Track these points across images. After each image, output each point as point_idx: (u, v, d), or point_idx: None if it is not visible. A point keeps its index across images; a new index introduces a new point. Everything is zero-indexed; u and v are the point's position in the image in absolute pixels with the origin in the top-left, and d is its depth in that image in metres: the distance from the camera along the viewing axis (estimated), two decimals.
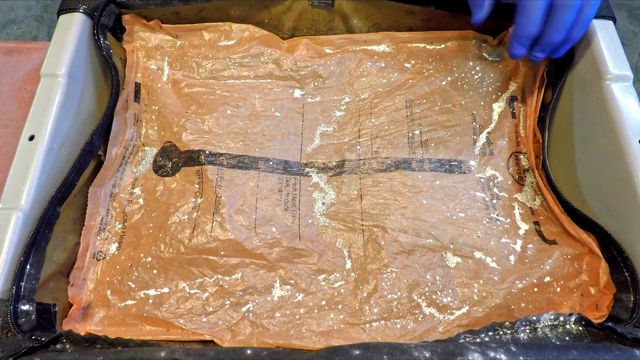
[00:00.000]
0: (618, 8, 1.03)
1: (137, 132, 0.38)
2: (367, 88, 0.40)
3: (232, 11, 0.40)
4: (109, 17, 0.37)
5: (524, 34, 0.32)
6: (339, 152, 0.37)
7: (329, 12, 0.40)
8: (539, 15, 0.31)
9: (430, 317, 0.31)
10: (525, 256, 0.33)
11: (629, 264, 0.29)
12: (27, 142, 0.31)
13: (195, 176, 0.35)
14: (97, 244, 0.33)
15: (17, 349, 0.23)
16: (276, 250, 0.33)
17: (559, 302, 0.31)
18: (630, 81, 0.33)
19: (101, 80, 0.38)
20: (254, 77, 0.40)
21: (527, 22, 0.32)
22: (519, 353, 0.22)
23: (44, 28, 1.01)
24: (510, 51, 0.34)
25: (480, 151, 0.37)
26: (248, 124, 0.38)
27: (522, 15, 0.32)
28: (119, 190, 0.35)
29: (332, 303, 0.32)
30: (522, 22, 0.32)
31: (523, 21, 0.32)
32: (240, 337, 0.31)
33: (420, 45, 0.41)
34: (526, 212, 0.35)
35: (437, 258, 0.33)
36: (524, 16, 0.32)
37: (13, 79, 0.43)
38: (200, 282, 0.32)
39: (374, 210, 0.35)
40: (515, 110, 0.39)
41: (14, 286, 0.27)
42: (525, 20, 0.32)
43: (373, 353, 0.21)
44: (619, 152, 0.31)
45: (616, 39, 0.35)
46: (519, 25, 0.32)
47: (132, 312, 0.31)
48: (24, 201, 0.29)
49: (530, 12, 0.31)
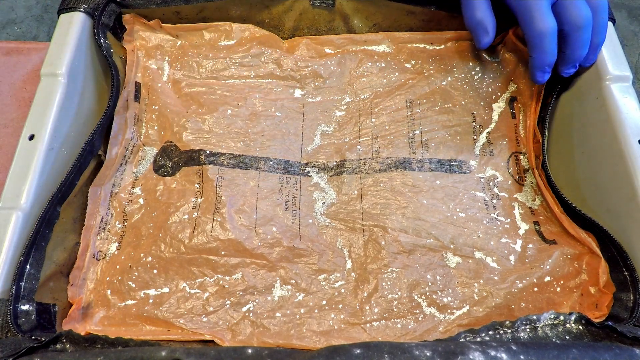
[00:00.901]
0: (618, 8, 1.03)
1: (137, 132, 0.38)
2: (367, 88, 0.40)
3: (232, 11, 0.40)
4: (110, 16, 0.37)
5: (543, 64, 0.33)
6: (339, 152, 0.38)
7: (329, 12, 0.40)
8: (552, 45, 0.32)
9: (430, 316, 0.31)
10: (525, 256, 0.33)
11: (629, 264, 0.29)
12: (27, 142, 0.31)
13: (195, 176, 0.35)
14: (97, 243, 0.33)
15: (17, 349, 0.23)
16: (276, 250, 0.33)
17: (559, 302, 0.31)
18: (630, 81, 0.33)
19: (101, 80, 0.38)
20: (254, 77, 0.40)
21: (542, 54, 0.32)
22: (520, 352, 0.22)
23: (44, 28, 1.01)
24: (535, 79, 0.34)
25: (480, 151, 0.37)
26: (248, 124, 0.38)
27: (536, 50, 0.32)
28: (119, 190, 0.35)
29: (332, 303, 0.32)
30: (537, 56, 0.33)
31: (538, 55, 0.32)
32: (240, 337, 0.31)
33: (420, 46, 0.41)
34: (526, 212, 0.35)
35: (438, 258, 0.33)
36: (537, 50, 0.32)
37: (13, 79, 0.43)
38: (201, 282, 0.32)
39: (374, 210, 0.35)
40: (515, 110, 0.39)
41: (13, 286, 0.27)
42: (540, 54, 0.32)
43: (374, 352, 0.21)
44: (618, 152, 0.31)
45: (616, 40, 0.35)
46: (536, 59, 0.33)
47: (132, 312, 0.31)
48: (24, 201, 0.29)
49: (542, 46, 0.32)
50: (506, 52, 0.39)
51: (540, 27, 0.31)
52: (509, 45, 0.39)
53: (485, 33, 0.35)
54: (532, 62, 0.33)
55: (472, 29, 0.35)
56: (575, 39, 0.32)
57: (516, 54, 0.39)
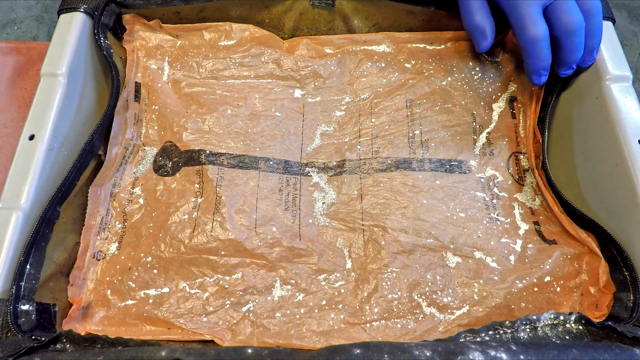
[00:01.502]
0: (618, 8, 1.03)
1: (137, 132, 0.38)
2: (367, 88, 0.40)
3: (232, 11, 0.40)
4: (110, 16, 0.37)
5: (538, 68, 0.33)
6: (339, 152, 0.38)
7: (329, 12, 0.40)
8: (544, 50, 0.32)
9: (430, 316, 0.31)
10: (525, 256, 0.33)
11: (629, 264, 0.29)
12: (27, 142, 0.31)
13: (195, 176, 0.35)
14: (97, 243, 0.33)
15: (17, 348, 0.23)
16: (276, 250, 0.33)
17: (559, 302, 0.31)
18: (630, 81, 0.33)
19: (101, 80, 0.38)
20: (254, 77, 0.40)
21: (536, 60, 0.33)
22: (520, 352, 0.22)
23: (44, 28, 1.01)
24: (532, 82, 0.35)
25: (480, 151, 0.37)
26: (248, 124, 0.38)
27: (529, 56, 0.33)
28: (119, 190, 0.35)
29: (332, 303, 0.32)
30: (531, 62, 0.33)
31: (532, 60, 0.33)
32: (240, 337, 0.31)
33: (420, 46, 0.41)
34: (526, 212, 0.35)
35: (438, 258, 0.33)
36: (530, 56, 0.33)
37: (13, 79, 0.43)
38: (201, 282, 0.32)
39: (374, 210, 0.35)
40: (515, 110, 0.39)
41: (13, 286, 0.27)
42: (534, 59, 0.33)
43: (374, 352, 0.21)
44: (618, 152, 0.31)
45: (615, 40, 0.35)
46: (530, 64, 0.33)
47: (132, 312, 0.31)
48: (24, 201, 0.29)
49: (535, 52, 0.32)
50: (506, 52, 0.40)
51: (531, 33, 0.32)
52: (508, 45, 0.39)
53: (484, 37, 0.35)
54: (527, 67, 0.34)
55: (471, 33, 0.36)
56: (567, 43, 0.32)
57: (516, 54, 0.39)
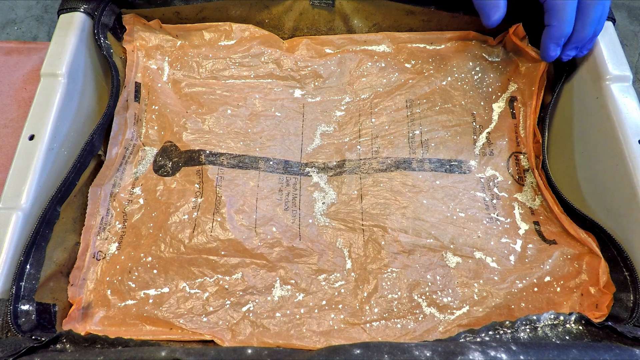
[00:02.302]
0: (618, 8, 1.03)
1: (137, 132, 0.38)
2: (367, 88, 0.40)
3: (232, 11, 0.40)
4: (110, 16, 0.37)
5: (560, 34, 0.32)
6: (339, 152, 0.38)
7: (329, 12, 0.40)
8: (572, 13, 0.31)
9: (430, 316, 0.31)
10: (525, 256, 0.33)
11: (629, 264, 0.29)
12: (27, 142, 0.31)
13: (195, 176, 0.35)
14: (97, 243, 0.33)
15: (17, 349, 0.23)
16: (276, 250, 0.33)
17: (559, 302, 0.31)
18: (630, 81, 0.33)
19: (101, 80, 0.38)
20: (254, 77, 0.40)
21: (562, 22, 0.32)
22: (520, 352, 0.22)
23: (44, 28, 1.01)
24: (547, 53, 0.33)
25: (480, 151, 0.37)
26: (248, 124, 0.38)
27: (556, 16, 0.32)
28: (119, 190, 0.35)
29: (332, 303, 0.32)
30: (556, 24, 0.32)
31: (557, 22, 0.32)
32: (240, 337, 0.31)
33: (420, 46, 0.41)
34: (526, 212, 0.35)
35: (438, 258, 0.33)
36: (558, 17, 0.31)
37: (13, 79, 0.43)
38: (201, 282, 0.32)
39: (374, 210, 0.35)
40: (515, 110, 0.39)
41: (13, 286, 0.27)
42: (560, 21, 0.32)
43: (374, 352, 0.21)
44: (618, 152, 0.31)
45: (616, 40, 0.35)
46: (554, 27, 0.32)
47: (132, 312, 0.31)
48: (24, 201, 0.29)
49: (564, 12, 0.31)
50: (506, 52, 0.39)
51: None
52: (509, 45, 0.39)
53: (496, 8, 0.32)
54: (549, 33, 0.32)
55: (481, 5, 0.33)
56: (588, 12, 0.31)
57: (516, 54, 0.39)
